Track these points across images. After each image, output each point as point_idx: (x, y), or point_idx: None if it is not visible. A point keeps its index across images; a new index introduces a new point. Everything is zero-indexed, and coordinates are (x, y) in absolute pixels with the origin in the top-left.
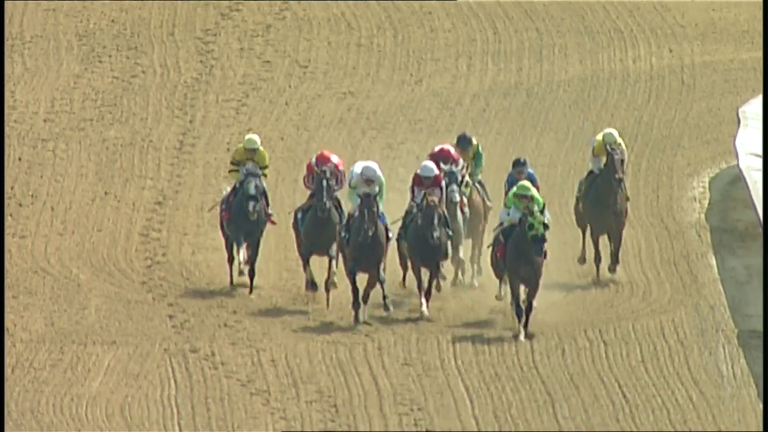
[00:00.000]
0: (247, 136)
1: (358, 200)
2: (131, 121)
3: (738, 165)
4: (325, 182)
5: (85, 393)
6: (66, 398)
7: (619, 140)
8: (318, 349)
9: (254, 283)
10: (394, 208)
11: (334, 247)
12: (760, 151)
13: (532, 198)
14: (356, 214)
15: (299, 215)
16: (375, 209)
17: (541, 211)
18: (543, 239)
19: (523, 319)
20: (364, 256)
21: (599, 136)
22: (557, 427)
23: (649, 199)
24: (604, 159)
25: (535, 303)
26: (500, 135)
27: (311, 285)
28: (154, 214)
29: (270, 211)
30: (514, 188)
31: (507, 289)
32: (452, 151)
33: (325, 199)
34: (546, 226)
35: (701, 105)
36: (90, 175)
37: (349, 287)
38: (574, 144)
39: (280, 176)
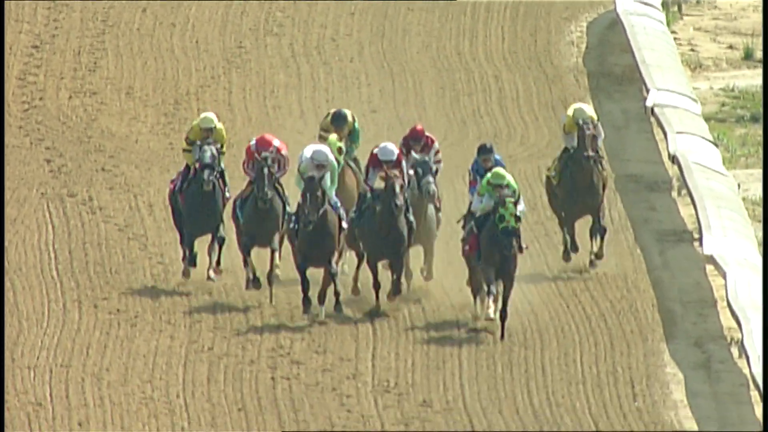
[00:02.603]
0: (202, 115)
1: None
2: None
3: (615, 9)
4: (266, 170)
5: None
6: None
7: (591, 113)
8: None
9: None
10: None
11: (277, 238)
12: None
13: (507, 186)
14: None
15: (238, 203)
16: (320, 193)
17: (515, 203)
18: (514, 232)
19: (502, 323)
20: (313, 248)
21: (569, 112)
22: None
23: (527, 43)
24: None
25: (509, 303)
26: None
27: (254, 282)
28: (31, 59)
29: (227, 194)
30: (488, 176)
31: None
32: (425, 131)
33: (266, 188)
34: (518, 218)
35: None
36: None
37: (299, 282)
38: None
39: None
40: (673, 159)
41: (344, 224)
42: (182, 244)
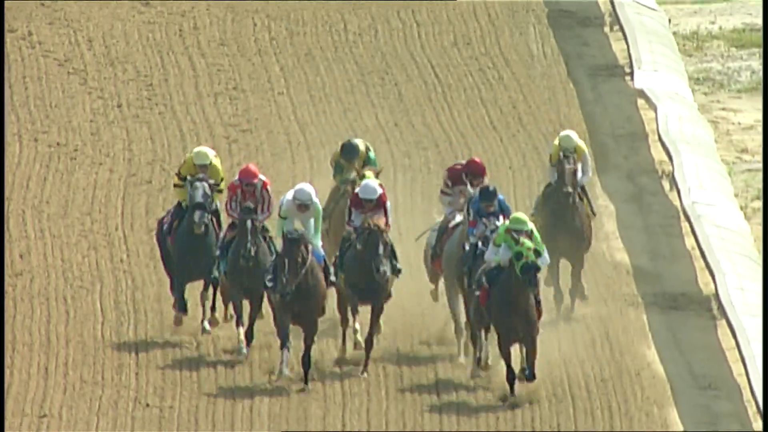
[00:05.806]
0: (196, 149)
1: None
2: None
3: None
4: (249, 223)
5: None
6: None
7: (579, 142)
8: (134, 29)
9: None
10: None
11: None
12: None
13: (530, 234)
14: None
15: (221, 246)
16: (300, 259)
17: (535, 250)
18: (535, 267)
19: (516, 386)
20: (295, 305)
21: (556, 141)
22: (368, 101)
23: None
24: None
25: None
26: None
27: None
28: None
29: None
30: (507, 222)
31: (487, 350)
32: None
33: (249, 245)
34: (538, 253)
35: None
36: None
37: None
38: None
39: None
40: None
41: (333, 279)
42: (172, 289)
